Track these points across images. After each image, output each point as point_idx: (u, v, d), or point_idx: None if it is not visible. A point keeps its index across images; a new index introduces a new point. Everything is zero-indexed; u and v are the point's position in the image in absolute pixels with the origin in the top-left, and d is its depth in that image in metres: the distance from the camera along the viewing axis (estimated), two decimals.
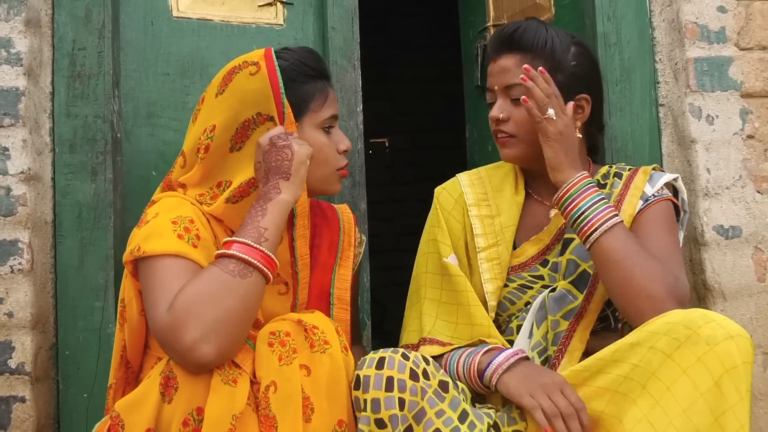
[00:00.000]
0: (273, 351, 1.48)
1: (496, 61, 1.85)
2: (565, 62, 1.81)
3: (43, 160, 2.08)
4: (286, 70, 1.68)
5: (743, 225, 2.17)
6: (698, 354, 1.42)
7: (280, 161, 1.60)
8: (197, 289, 1.45)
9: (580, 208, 1.69)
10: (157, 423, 1.41)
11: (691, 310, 1.51)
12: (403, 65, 5.58)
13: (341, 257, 1.84)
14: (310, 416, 1.45)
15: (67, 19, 2.13)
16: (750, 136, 2.21)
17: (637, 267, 1.62)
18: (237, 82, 1.67)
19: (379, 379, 1.46)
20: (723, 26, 2.23)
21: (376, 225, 3.85)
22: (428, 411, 1.49)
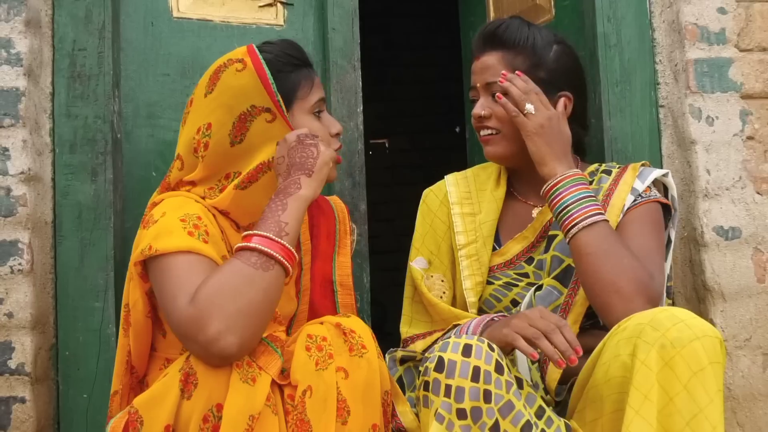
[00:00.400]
0: (310, 356, 1.48)
1: (479, 58, 1.87)
2: (547, 59, 1.84)
3: (43, 161, 2.08)
4: (271, 62, 1.71)
5: (743, 226, 2.17)
6: (666, 359, 1.41)
7: (304, 158, 1.62)
8: (220, 281, 1.46)
9: (565, 202, 1.70)
10: (176, 419, 1.42)
11: (660, 309, 1.51)
12: (403, 66, 5.58)
13: (339, 245, 1.87)
14: (346, 419, 1.46)
15: (67, 19, 2.13)
16: (750, 137, 2.21)
17: (609, 262, 1.63)
18: (225, 80, 1.69)
19: (466, 367, 1.41)
20: (723, 27, 2.23)
21: (377, 226, 3.85)
22: (516, 404, 1.44)
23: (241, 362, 1.45)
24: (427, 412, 1.45)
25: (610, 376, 1.49)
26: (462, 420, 1.40)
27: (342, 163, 2.30)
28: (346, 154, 2.32)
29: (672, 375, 1.40)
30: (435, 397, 1.42)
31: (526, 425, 1.44)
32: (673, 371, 1.40)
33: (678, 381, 1.40)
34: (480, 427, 1.40)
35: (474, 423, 1.40)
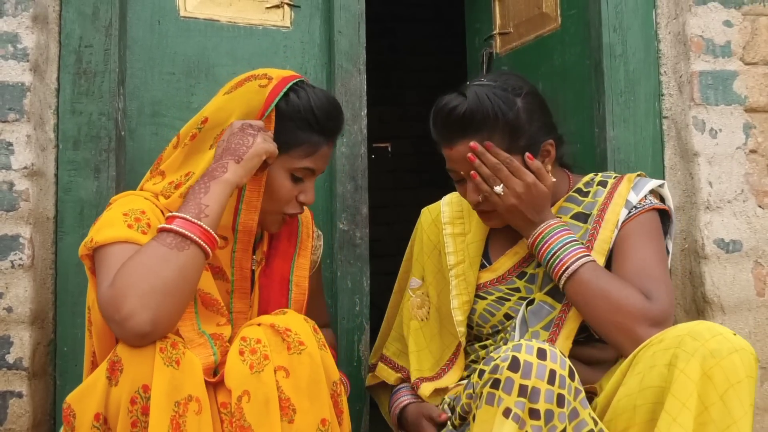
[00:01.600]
0: (244, 360, 1.48)
1: (451, 148, 1.79)
2: (521, 124, 1.76)
3: (46, 156, 2.08)
4: (291, 106, 1.71)
5: (744, 239, 2.17)
6: (705, 368, 1.43)
7: (239, 145, 1.63)
8: (135, 262, 1.48)
9: (547, 256, 1.74)
10: (106, 407, 1.43)
11: (697, 322, 1.53)
12: (407, 71, 5.59)
13: (300, 246, 1.89)
14: (292, 417, 1.46)
15: (74, 15, 2.14)
16: (753, 150, 2.21)
17: (601, 304, 1.67)
18: (246, 89, 1.72)
19: (542, 369, 1.41)
20: (728, 40, 2.23)
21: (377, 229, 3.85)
22: (582, 412, 1.46)
23: (165, 345, 1.44)
24: (489, 410, 1.44)
25: (645, 385, 1.50)
26: (534, 420, 1.41)
27: (345, 166, 2.31)
28: (349, 157, 2.32)
29: (710, 385, 1.43)
30: (506, 396, 1.42)
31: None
32: (712, 382, 1.43)
33: (715, 391, 1.42)
34: (549, 430, 1.42)
35: (545, 425, 1.41)
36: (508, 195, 1.75)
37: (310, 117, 1.71)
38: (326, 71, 2.37)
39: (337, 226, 2.31)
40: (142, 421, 1.41)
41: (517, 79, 1.85)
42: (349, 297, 2.31)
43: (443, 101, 1.79)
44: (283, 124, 1.70)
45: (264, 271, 1.83)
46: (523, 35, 2.63)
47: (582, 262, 1.70)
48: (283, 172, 1.73)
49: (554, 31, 2.50)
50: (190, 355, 1.46)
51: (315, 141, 1.73)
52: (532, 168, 1.76)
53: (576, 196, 1.88)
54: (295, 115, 1.71)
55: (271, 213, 1.76)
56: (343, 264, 2.31)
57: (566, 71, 2.46)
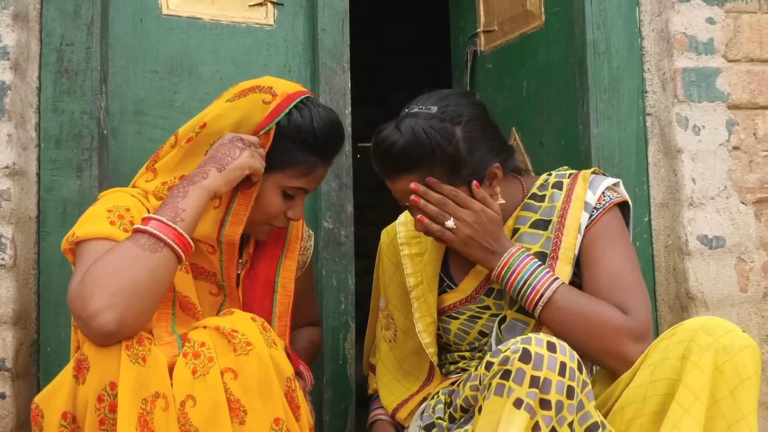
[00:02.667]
0: (186, 363, 1.46)
1: (392, 182, 1.76)
2: (460, 155, 1.70)
3: (28, 155, 2.07)
4: (293, 124, 1.69)
5: (727, 235, 2.18)
6: (718, 363, 1.46)
7: (224, 155, 1.63)
8: (107, 260, 1.46)
9: (516, 288, 1.70)
10: (74, 405, 1.42)
11: (709, 317, 1.55)
12: (393, 71, 5.58)
13: (288, 249, 1.88)
14: (243, 419, 1.44)
15: (55, 14, 2.12)
16: (736, 147, 2.22)
17: (583, 329, 1.65)
18: (249, 100, 1.70)
19: (553, 361, 1.43)
20: (711, 37, 2.24)
21: (363, 229, 3.84)
22: (587, 405, 1.48)
23: (131, 342, 1.43)
24: (498, 400, 1.44)
25: (656, 377, 1.52)
26: (545, 410, 1.42)
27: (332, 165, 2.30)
28: None
29: (722, 380, 1.46)
30: (517, 386, 1.42)
31: (593, 426, 1.48)
32: (723, 376, 1.46)
33: (726, 386, 1.45)
34: (559, 421, 1.43)
35: (555, 415, 1.42)
36: (460, 227, 1.70)
37: (310, 138, 1.70)
38: (310, 69, 2.36)
39: (322, 225, 2.31)
40: (109, 418, 1.40)
41: (459, 102, 1.75)
42: (334, 295, 2.31)
43: (380, 136, 1.74)
44: (282, 142, 1.69)
45: (248, 274, 1.83)
46: (508, 33, 2.64)
47: (554, 288, 1.67)
48: (275, 189, 1.72)
49: (538, 29, 2.51)
50: (156, 351, 1.45)
51: (312, 162, 1.72)
52: (478, 197, 1.71)
53: (532, 202, 1.82)
54: (295, 135, 1.69)
55: (258, 224, 1.76)
56: (328, 262, 2.31)
57: (550, 69, 2.47)
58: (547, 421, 1.42)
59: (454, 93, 1.79)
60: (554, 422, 1.42)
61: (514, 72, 2.62)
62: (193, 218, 1.55)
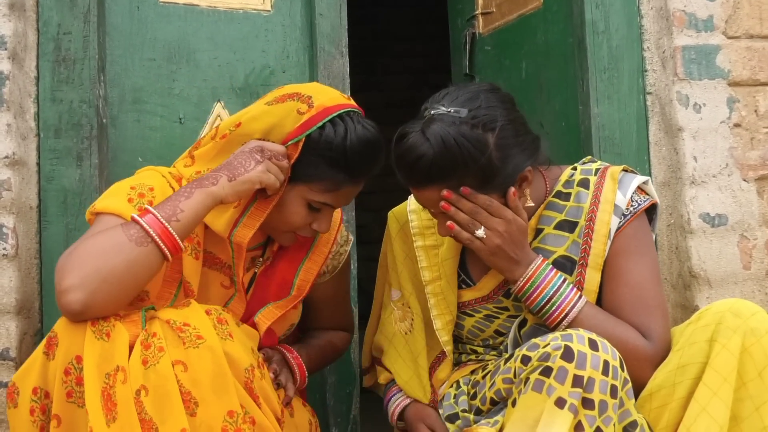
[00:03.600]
0: (141, 354, 1.46)
1: (419, 192, 1.68)
2: (493, 165, 1.61)
3: (27, 145, 2.06)
4: (324, 139, 1.64)
5: (729, 213, 2.17)
6: (746, 345, 1.47)
7: (239, 164, 1.61)
8: (95, 241, 1.49)
9: (537, 305, 1.65)
10: (44, 381, 1.45)
11: (735, 299, 1.55)
12: (391, 56, 5.56)
13: (313, 252, 1.84)
14: (194, 410, 1.44)
15: (52, 2, 2.11)
16: (737, 124, 2.21)
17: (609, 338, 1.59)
18: (285, 107, 1.67)
19: (596, 360, 1.42)
20: (711, 14, 2.23)
21: (364, 215, 3.84)
22: (627, 402, 1.48)
23: (97, 320, 1.45)
24: (536, 396, 1.43)
25: (684, 362, 1.52)
26: (588, 410, 1.41)
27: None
28: None
29: (750, 362, 1.46)
30: (559, 385, 1.41)
31: (631, 424, 1.49)
32: (752, 358, 1.46)
33: (755, 368, 1.46)
34: (604, 421, 1.42)
35: (600, 415, 1.42)
36: (491, 237, 1.63)
37: (340, 156, 1.64)
38: (308, 54, 2.36)
39: None
40: (76, 390, 1.42)
41: (490, 103, 1.65)
42: None
43: (406, 144, 1.62)
44: (310, 156, 1.65)
45: (265, 271, 1.82)
46: (506, 14, 2.63)
47: (579, 308, 1.63)
48: (300, 200, 1.69)
49: (536, 10, 2.50)
50: (120, 327, 1.46)
51: (340, 180, 1.66)
52: (511, 206, 1.65)
53: (557, 201, 1.75)
54: (324, 150, 1.64)
55: (282, 231, 1.74)
56: None
57: (549, 49, 2.46)
58: (590, 421, 1.42)
59: (483, 90, 1.68)
60: (599, 422, 1.42)
61: (513, 53, 2.61)
62: (190, 221, 1.55)
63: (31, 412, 1.46)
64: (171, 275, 1.65)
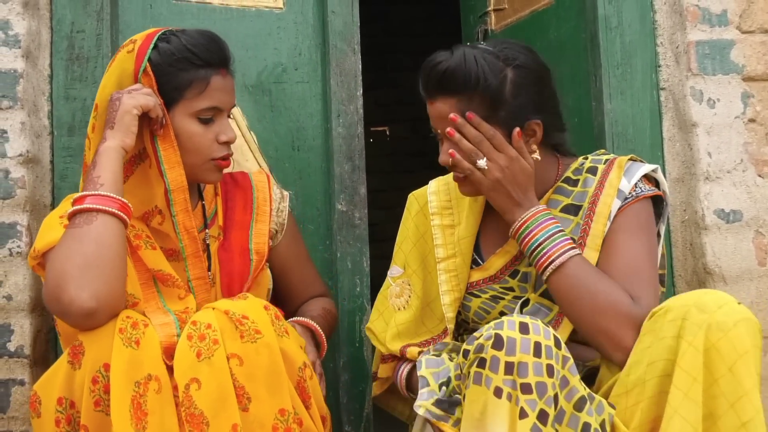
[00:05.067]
0: (191, 346, 1.46)
1: (431, 103, 1.74)
2: (503, 95, 1.68)
3: (41, 143, 2.07)
4: (164, 53, 1.69)
5: (744, 209, 2.16)
6: (713, 340, 1.42)
7: (110, 113, 1.64)
8: (56, 253, 1.51)
9: (532, 245, 1.66)
10: (70, 391, 1.45)
11: (704, 291, 1.52)
12: (403, 53, 5.56)
13: (257, 213, 1.87)
14: (246, 405, 1.44)
15: (65, 1, 2.13)
16: (751, 119, 2.20)
17: (586, 303, 1.61)
18: (117, 60, 1.73)
19: (526, 343, 1.40)
20: (725, 9, 2.22)
21: (377, 213, 3.84)
22: (571, 380, 1.46)
23: (125, 326, 1.45)
24: (477, 389, 1.43)
25: (653, 359, 1.49)
26: (527, 395, 1.39)
27: (342, 147, 2.30)
28: (346, 138, 2.31)
29: (718, 357, 1.42)
30: (494, 374, 1.40)
31: (580, 400, 1.45)
32: (720, 354, 1.42)
33: (723, 363, 1.41)
34: (546, 402, 1.41)
35: (540, 398, 1.40)
36: (492, 169, 1.66)
37: (187, 54, 1.69)
38: (320, 52, 2.35)
39: (336, 207, 2.30)
40: (104, 399, 1.42)
41: (518, 49, 1.74)
42: (349, 278, 2.30)
43: (432, 56, 1.73)
44: (165, 74, 1.68)
45: (222, 245, 1.82)
46: (518, 10, 2.62)
47: (569, 255, 1.63)
48: (189, 119, 1.70)
49: (549, 6, 2.49)
50: (151, 333, 1.47)
51: (202, 75, 1.69)
52: (515, 146, 1.68)
53: (564, 186, 1.79)
54: (171, 60, 1.68)
55: (199, 165, 1.73)
56: (343, 245, 2.30)
57: (562, 45, 2.45)
58: (532, 405, 1.39)
59: (519, 43, 1.77)
60: (541, 404, 1.40)
61: None
62: (111, 179, 1.56)
63: (57, 423, 1.46)
64: (142, 276, 1.65)
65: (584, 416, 1.44)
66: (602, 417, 1.49)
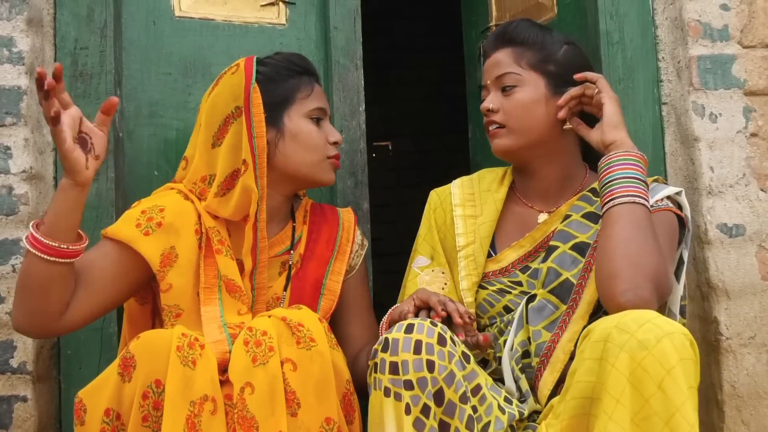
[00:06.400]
0: (247, 351, 1.49)
1: (490, 56, 1.91)
2: (556, 55, 1.87)
3: (44, 160, 2.08)
4: (269, 67, 1.85)
5: (747, 223, 2.16)
6: (638, 360, 1.38)
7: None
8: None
9: (627, 173, 1.68)
10: (118, 403, 1.47)
11: (626, 312, 1.47)
12: (405, 68, 5.58)
13: (338, 251, 1.91)
14: (296, 411, 1.47)
15: (69, 18, 2.14)
16: (753, 134, 2.20)
17: (641, 235, 1.60)
18: (222, 81, 1.83)
19: (408, 342, 1.47)
20: (726, 24, 2.22)
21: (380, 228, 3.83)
22: (457, 374, 1.50)
23: (182, 344, 1.47)
24: (376, 394, 1.49)
25: (578, 378, 1.47)
26: (410, 390, 1.46)
27: (344, 162, 2.30)
28: (348, 153, 2.31)
29: (645, 376, 1.37)
30: (383, 376, 1.48)
31: (463, 396, 1.50)
32: (647, 372, 1.37)
33: (652, 382, 1.37)
34: (427, 396, 1.46)
35: (422, 392, 1.46)
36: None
37: (289, 65, 1.86)
38: (323, 67, 2.36)
39: None
40: (153, 415, 1.43)
41: (575, 41, 1.96)
42: None
43: None
44: (273, 82, 1.83)
45: (297, 274, 1.85)
46: None
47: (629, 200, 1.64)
48: (303, 119, 1.84)
49: (551, 21, 2.49)
50: (208, 354, 1.49)
51: (306, 80, 1.87)
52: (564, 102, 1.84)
53: (590, 195, 1.85)
54: (275, 73, 1.84)
55: (318, 163, 1.85)
56: None
57: None
58: (415, 401, 1.46)
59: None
60: (424, 399, 1.46)
61: None
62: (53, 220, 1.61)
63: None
64: (209, 281, 1.70)
65: (468, 409, 1.50)
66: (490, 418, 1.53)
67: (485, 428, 1.53)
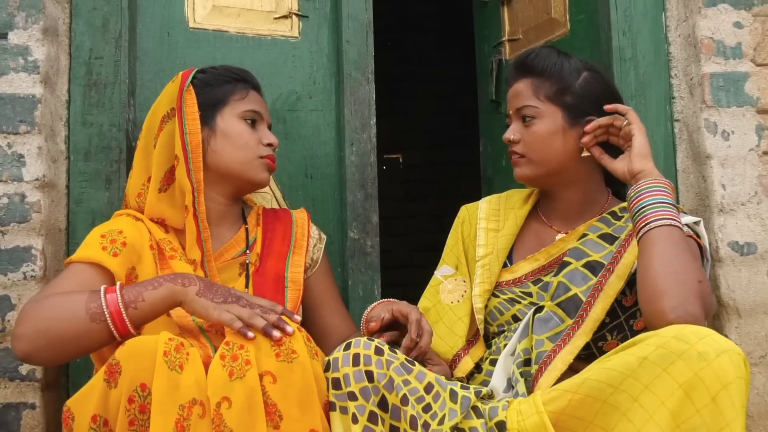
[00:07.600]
0: (224, 366, 1.48)
1: (511, 86, 1.95)
2: (574, 85, 1.88)
3: (58, 168, 2.09)
4: (207, 74, 1.92)
5: (758, 241, 2.15)
6: (695, 369, 1.40)
7: (221, 294, 1.63)
8: (59, 299, 1.61)
9: (658, 199, 1.69)
10: (105, 409, 1.46)
11: (683, 326, 1.48)
12: (416, 81, 5.59)
13: (295, 245, 1.96)
14: (278, 423, 1.46)
15: (84, 28, 2.15)
16: (766, 152, 2.19)
17: (681, 255, 1.61)
18: (163, 91, 1.92)
19: (347, 357, 1.55)
20: (739, 42, 2.22)
21: (389, 240, 3.84)
22: (396, 378, 1.55)
23: (169, 349, 1.46)
24: (333, 415, 1.55)
25: (608, 366, 1.48)
26: (353, 401, 1.53)
27: (354, 175, 2.31)
28: (359, 166, 2.32)
29: (701, 386, 1.39)
30: (330, 392, 1.54)
31: (404, 398, 1.55)
32: (703, 383, 1.40)
33: (707, 393, 1.39)
34: (372, 404, 1.53)
35: (367, 401, 1.53)
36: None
37: (226, 73, 1.92)
38: (335, 80, 2.37)
39: (348, 235, 2.31)
40: (139, 419, 1.43)
41: (600, 67, 1.99)
42: (360, 305, 2.30)
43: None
44: (207, 88, 1.88)
45: (258, 270, 1.88)
46: (533, 41, 2.63)
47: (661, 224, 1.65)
48: (236, 120, 1.88)
49: (563, 37, 2.50)
50: (195, 358, 1.48)
51: (241, 87, 1.91)
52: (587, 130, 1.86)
53: (608, 218, 1.89)
54: (212, 79, 1.90)
55: (249, 161, 1.88)
56: (354, 272, 2.30)
57: None
58: (360, 410, 1.52)
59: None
60: (369, 406, 1.52)
61: None
62: (147, 311, 1.60)
63: None
64: None
65: (409, 410, 1.54)
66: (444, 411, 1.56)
67: (441, 422, 1.55)
